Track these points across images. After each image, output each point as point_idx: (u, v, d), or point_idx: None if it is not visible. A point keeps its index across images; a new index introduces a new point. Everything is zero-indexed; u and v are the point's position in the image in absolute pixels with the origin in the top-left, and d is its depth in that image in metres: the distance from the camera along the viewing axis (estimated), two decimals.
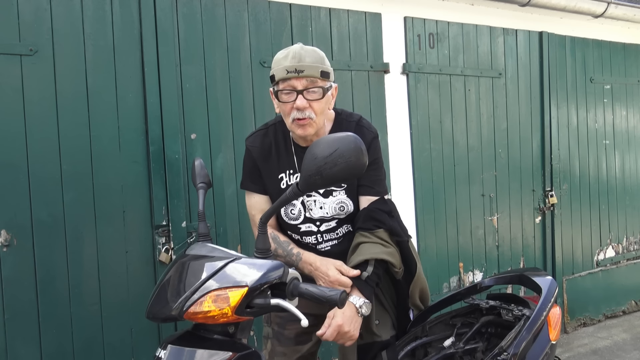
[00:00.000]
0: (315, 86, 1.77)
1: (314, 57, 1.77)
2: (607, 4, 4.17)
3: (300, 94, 1.76)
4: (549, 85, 4.18)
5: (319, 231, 1.94)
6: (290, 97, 1.77)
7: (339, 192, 1.93)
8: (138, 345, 2.57)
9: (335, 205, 1.92)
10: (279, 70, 1.77)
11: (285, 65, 1.75)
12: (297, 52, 1.76)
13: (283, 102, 1.79)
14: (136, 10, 2.56)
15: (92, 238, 2.46)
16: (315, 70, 1.76)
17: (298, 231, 1.95)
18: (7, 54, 2.28)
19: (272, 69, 1.81)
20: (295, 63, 1.74)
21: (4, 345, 2.28)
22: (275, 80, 1.79)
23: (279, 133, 1.96)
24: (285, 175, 1.94)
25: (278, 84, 1.79)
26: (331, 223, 1.94)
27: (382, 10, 3.39)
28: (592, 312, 4.52)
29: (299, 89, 1.76)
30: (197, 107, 2.73)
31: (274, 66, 1.80)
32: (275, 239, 1.94)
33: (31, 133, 2.33)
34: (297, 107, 1.77)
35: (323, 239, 1.95)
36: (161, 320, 1.48)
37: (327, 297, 1.38)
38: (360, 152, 1.34)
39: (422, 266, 2.85)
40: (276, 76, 1.78)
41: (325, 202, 1.91)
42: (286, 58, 1.76)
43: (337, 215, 1.94)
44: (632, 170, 4.77)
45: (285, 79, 1.76)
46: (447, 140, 3.66)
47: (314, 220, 1.93)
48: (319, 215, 1.93)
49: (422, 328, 2.17)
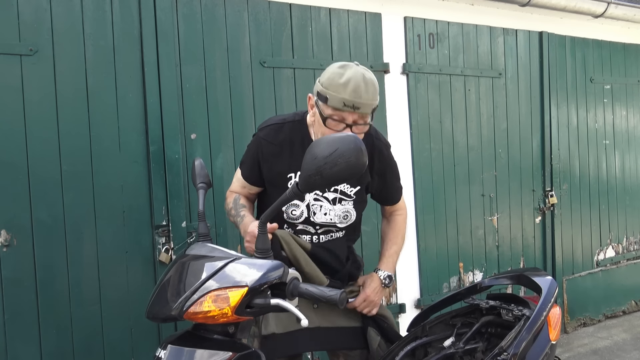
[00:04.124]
0: (365, 122, 1.76)
1: (372, 94, 1.73)
2: (607, 4, 4.17)
3: (349, 127, 1.74)
4: (549, 85, 4.18)
5: (316, 232, 1.94)
6: (338, 127, 1.74)
7: (349, 202, 1.94)
8: (138, 345, 2.57)
9: (340, 214, 1.93)
10: (335, 99, 1.69)
11: (344, 98, 1.68)
12: (358, 85, 1.68)
13: (327, 127, 1.75)
14: (136, 10, 2.56)
15: (92, 238, 2.46)
16: (369, 108, 1.74)
17: (294, 228, 1.95)
18: (7, 54, 2.28)
19: (327, 90, 1.71)
20: (354, 99, 1.68)
21: (4, 345, 2.28)
22: (327, 103, 1.72)
23: (296, 132, 1.92)
24: (294, 175, 1.91)
25: (329, 108, 1.72)
26: (331, 229, 1.95)
27: (382, 10, 3.39)
28: (592, 312, 4.52)
29: (349, 123, 1.73)
30: (197, 107, 2.73)
31: (329, 88, 1.71)
32: (236, 200, 1.99)
33: (31, 133, 2.33)
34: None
35: (319, 239, 1.96)
36: (161, 320, 1.48)
37: (327, 297, 1.38)
38: (360, 152, 1.34)
39: (422, 266, 2.88)
40: (330, 101, 1.70)
41: (332, 208, 1.92)
42: (345, 87, 1.68)
43: (340, 223, 1.95)
44: (632, 170, 4.77)
45: (339, 110, 1.71)
46: (447, 140, 3.66)
47: (314, 224, 1.93)
48: (321, 221, 1.93)
49: (422, 328, 2.17)
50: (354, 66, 1.74)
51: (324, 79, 1.74)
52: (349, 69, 1.72)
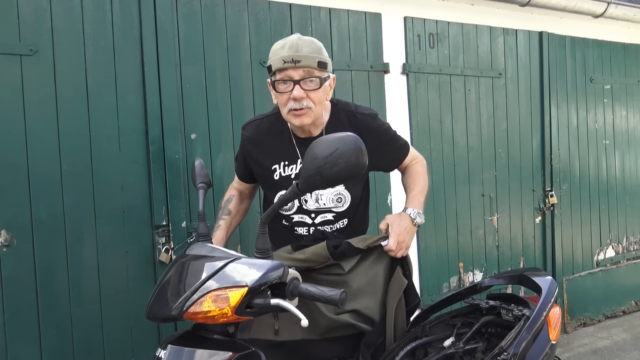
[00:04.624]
0: (312, 76, 1.76)
1: (311, 48, 1.77)
2: (607, 4, 4.17)
3: (297, 84, 1.75)
4: (549, 85, 4.18)
5: (314, 223, 1.93)
6: (287, 87, 1.76)
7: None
8: (138, 345, 2.57)
9: (332, 197, 1.91)
10: (275, 60, 1.75)
11: (282, 55, 1.73)
12: (295, 42, 1.75)
13: (280, 92, 1.78)
14: (136, 10, 2.56)
15: (92, 238, 2.46)
16: (312, 61, 1.75)
17: (291, 221, 1.94)
18: (7, 54, 2.28)
19: (269, 59, 1.78)
20: (292, 53, 1.73)
21: (4, 345, 2.28)
22: (272, 71, 1.78)
23: (275, 124, 1.94)
24: (279, 166, 1.92)
25: (275, 74, 1.78)
26: (327, 215, 1.93)
27: (382, 10, 3.39)
28: (592, 312, 4.52)
29: (296, 79, 1.75)
30: (197, 107, 2.73)
31: (271, 56, 1.78)
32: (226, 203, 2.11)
33: (31, 133, 2.33)
34: (294, 98, 1.76)
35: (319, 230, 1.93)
36: (161, 320, 1.48)
37: (327, 297, 1.38)
38: (360, 152, 1.34)
39: (422, 266, 2.88)
40: (273, 66, 1.77)
41: (322, 193, 1.90)
42: (283, 48, 1.74)
43: (335, 208, 1.92)
44: (632, 170, 4.77)
45: (282, 69, 1.75)
46: (447, 140, 3.66)
47: (309, 212, 1.92)
48: (314, 207, 1.91)
49: (422, 328, 2.17)
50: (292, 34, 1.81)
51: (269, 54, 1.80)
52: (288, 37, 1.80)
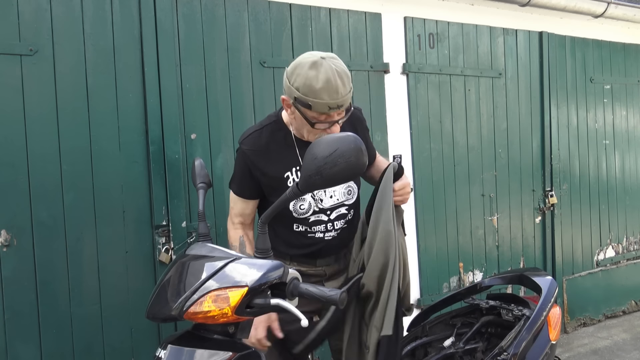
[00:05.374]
0: (347, 109, 1.78)
1: (348, 85, 1.73)
2: (607, 4, 4.17)
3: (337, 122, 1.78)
4: (549, 85, 4.18)
5: (329, 219, 1.97)
6: (326, 125, 1.77)
7: None
8: (138, 345, 2.57)
9: (343, 191, 1.98)
10: (319, 105, 1.69)
11: (327, 103, 1.69)
12: (334, 84, 1.68)
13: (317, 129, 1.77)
14: (136, 10, 2.56)
15: (92, 238, 2.46)
16: (349, 97, 1.75)
17: (307, 222, 1.96)
18: (7, 54, 2.28)
19: (307, 98, 1.69)
20: (337, 99, 1.69)
21: (4, 345, 2.28)
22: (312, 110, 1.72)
23: (277, 132, 1.93)
24: (291, 173, 1.92)
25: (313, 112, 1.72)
26: (341, 209, 1.99)
27: (382, 10, 3.39)
28: (592, 312, 4.52)
29: (336, 119, 1.77)
30: (197, 107, 2.73)
31: (308, 94, 1.69)
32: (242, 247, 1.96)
33: (31, 133, 2.33)
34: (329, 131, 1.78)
35: (333, 227, 1.98)
36: (161, 320, 1.48)
37: (327, 297, 1.38)
38: (360, 152, 1.34)
39: (422, 266, 2.87)
40: (314, 108, 1.70)
41: (335, 189, 1.96)
42: (326, 91, 1.68)
43: (346, 201, 1.99)
44: (632, 170, 4.77)
45: (325, 113, 1.73)
46: (447, 140, 3.66)
47: (324, 210, 1.96)
48: (329, 204, 1.96)
49: (422, 328, 2.17)
50: (324, 63, 1.69)
51: (300, 84, 1.70)
52: (321, 67, 1.68)
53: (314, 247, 1.99)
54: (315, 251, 2.00)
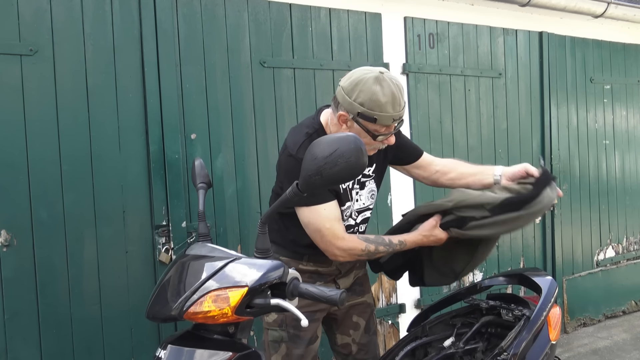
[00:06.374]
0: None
1: (405, 96, 1.84)
2: (607, 4, 4.17)
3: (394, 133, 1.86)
4: (549, 85, 4.18)
5: (356, 223, 2.03)
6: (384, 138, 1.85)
7: (369, 181, 2.04)
8: (138, 345, 2.57)
9: (368, 195, 2.04)
10: (385, 118, 1.77)
11: (393, 115, 1.78)
12: (398, 98, 1.78)
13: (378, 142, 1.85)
14: (136, 10, 2.56)
15: (92, 238, 2.46)
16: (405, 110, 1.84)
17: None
18: (7, 54, 2.27)
19: (373, 112, 1.76)
20: (399, 111, 1.80)
21: (4, 345, 2.28)
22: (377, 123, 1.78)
23: None
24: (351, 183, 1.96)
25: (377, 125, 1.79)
26: (366, 213, 2.06)
27: (382, 10, 3.39)
28: (592, 312, 4.52)
29: (394, 130, 1.85)
30: (197, 107, 2.73)
31: (374, 109, 1.75)
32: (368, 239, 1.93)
33: (31, 133, 2.33)
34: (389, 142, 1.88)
35: (358, 230, 2.05)
36: (161, 320, 1.48)
37: (327, 297, 1.38)
38: (360, 152, 1.34)
39: None
40: (379, 121, 1.78)
41: (362, 193, 2.02)
42: (391, 105, 1.77)
43: (370, 204, 2.06)
44: (632, 170, 4.77)
45: (389, 125, 1.81)
46: (447, 140, 3.66)
47: (355, 213, 2.02)
48: (357, 208, 2.02)
49: (422, 328, 2.17)
50: (385, 78, 1.77)
51: (365, 99, 1.76)
52: (384, 82, 1.76)
53: None
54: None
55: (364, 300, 2.17)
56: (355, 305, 2.15)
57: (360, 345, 2.16)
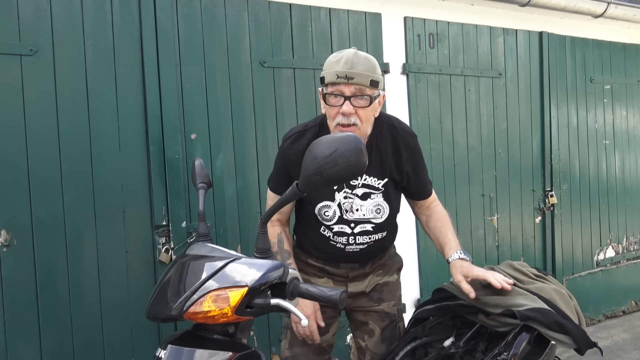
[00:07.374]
0: (364, 94, 1.80)
1: (366, 65, 1.80)
2: (607, 4, 4.17)
3: (348, 100, 1.79)
4: (549, 85, 4.18)
5: (352, 233, 1.97)
6: (338, 101, 1.81)
7: (377, 194, 1.96)
8: (138, 345, 2.57)
9: (372, 208, 1.96)
10: (329, 73, 1.80)
11: (337, 70, 1.78)
12: (350, 58, 1.78)
13: (330, 105, 1.83)
14: (136, 10, 2.56)
15: (92, 238, 2.46)
16: (365, 79, 1.79)
17: (331, 230, 1.98)
18: (7, 54, 2.28)
19: (323, 71, 1.84)
20: (347, 69, 1.77)
21: (4, 345, 2.28)
22: (325, 83, 1.83)
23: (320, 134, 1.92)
24: None
25: (327, 87, 1.82)
26: (366, 226, 1.98)
27: (382, 10, 3.39)
28: (592, 312, 4.52)
29: (347, 95, 1.80)
30: (197, 107, 2.73)
31: (325, 68, 1.83)
32: (280, 244, 1.97)
33: (31, 133, 2.33)
34: (342, 112, 1.80)
35: (355, 241, 1.98)
36: (161, 320, 1.48)
37: (327, 297, 1.38)
38: (360, 152, 1.34)
39: (422, 266, 2.82)
40: (326, 79, 1.82)
41: (362, 204, 1.95)
42: (338, 62, 1.79)
43: (374, 219, 1.97)
44: (632, 170, 4.77)
45: (335, 84, 1.79)
46: (447, 140, 3.66)
47: (348, 222, 1.96)
48: (354, 217, 1.96)
49: (422, 328, 2.17)
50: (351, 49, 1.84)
51: (324, 65, 1.85)
52: (345, 49, 1.85)
53: (337, 254, 2.02)
54: (339, 257, 2.03)
55: (382, 309, 2.13)
56: (372, 312, 2.12)
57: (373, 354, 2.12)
